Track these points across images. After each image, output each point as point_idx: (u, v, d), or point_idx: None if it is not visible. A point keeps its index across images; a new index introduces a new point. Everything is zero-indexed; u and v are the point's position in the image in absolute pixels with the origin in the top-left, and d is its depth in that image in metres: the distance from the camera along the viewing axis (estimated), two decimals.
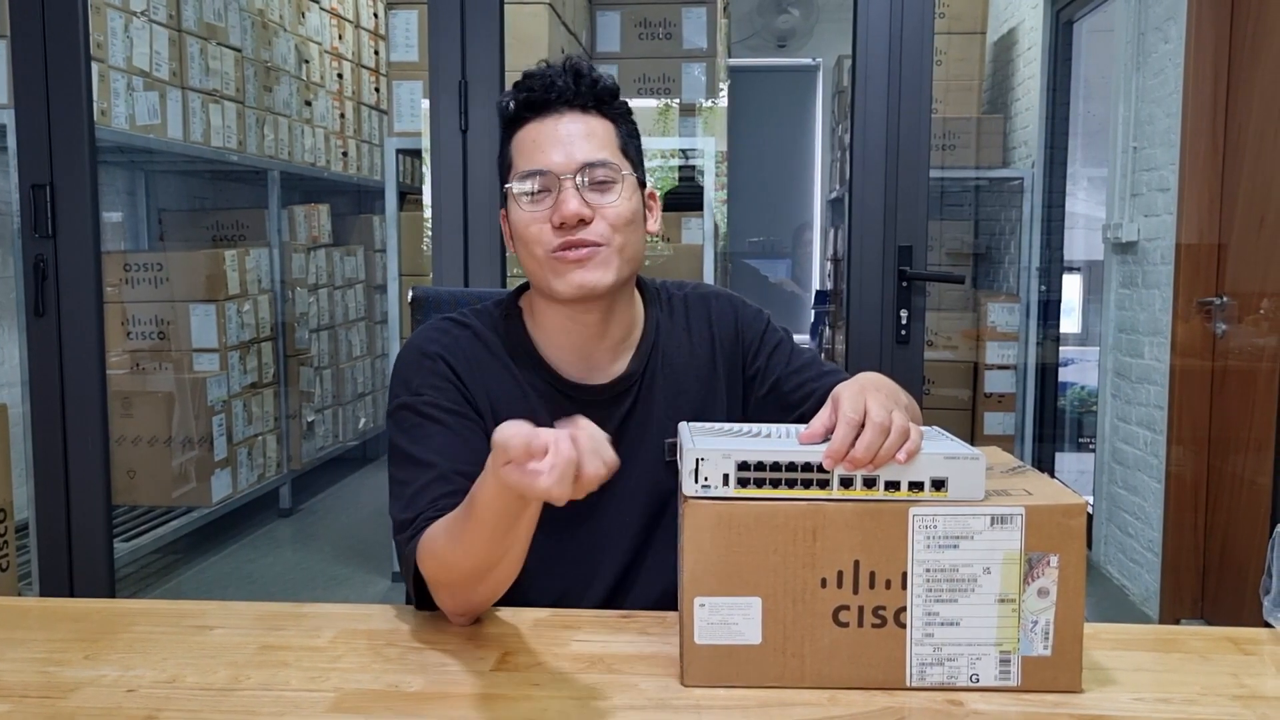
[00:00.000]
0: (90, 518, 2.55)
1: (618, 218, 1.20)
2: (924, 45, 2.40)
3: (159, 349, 3.87)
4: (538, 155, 1.21)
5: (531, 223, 1.21)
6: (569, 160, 1.20)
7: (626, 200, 1.22)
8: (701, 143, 3.58)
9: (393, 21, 3.59)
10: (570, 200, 1.18)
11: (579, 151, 1.20)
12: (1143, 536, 3.33)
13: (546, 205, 1.20)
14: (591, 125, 1.23)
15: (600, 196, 1.20)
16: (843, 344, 2.63)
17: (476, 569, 1.05)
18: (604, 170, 1.20)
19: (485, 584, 1.08)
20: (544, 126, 1.22)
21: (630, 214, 1.22)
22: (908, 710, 0.93)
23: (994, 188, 4.72)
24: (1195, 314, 3.03)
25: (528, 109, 1.23)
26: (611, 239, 1.20)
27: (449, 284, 2.53)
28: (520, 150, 1.23)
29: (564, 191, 1.19)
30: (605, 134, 1.23)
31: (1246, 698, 0.97)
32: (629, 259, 1.23)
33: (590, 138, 1.22)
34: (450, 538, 1.06)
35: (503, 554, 1.04)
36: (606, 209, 1.20)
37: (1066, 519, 0.95)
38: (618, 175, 1.21)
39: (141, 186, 4.31)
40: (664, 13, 3.94)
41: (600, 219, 1.20)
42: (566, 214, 1.18)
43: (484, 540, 1.02)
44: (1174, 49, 3.14)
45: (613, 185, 1.21)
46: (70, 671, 1.01)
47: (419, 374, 1.24)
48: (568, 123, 1.22)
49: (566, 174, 1.19)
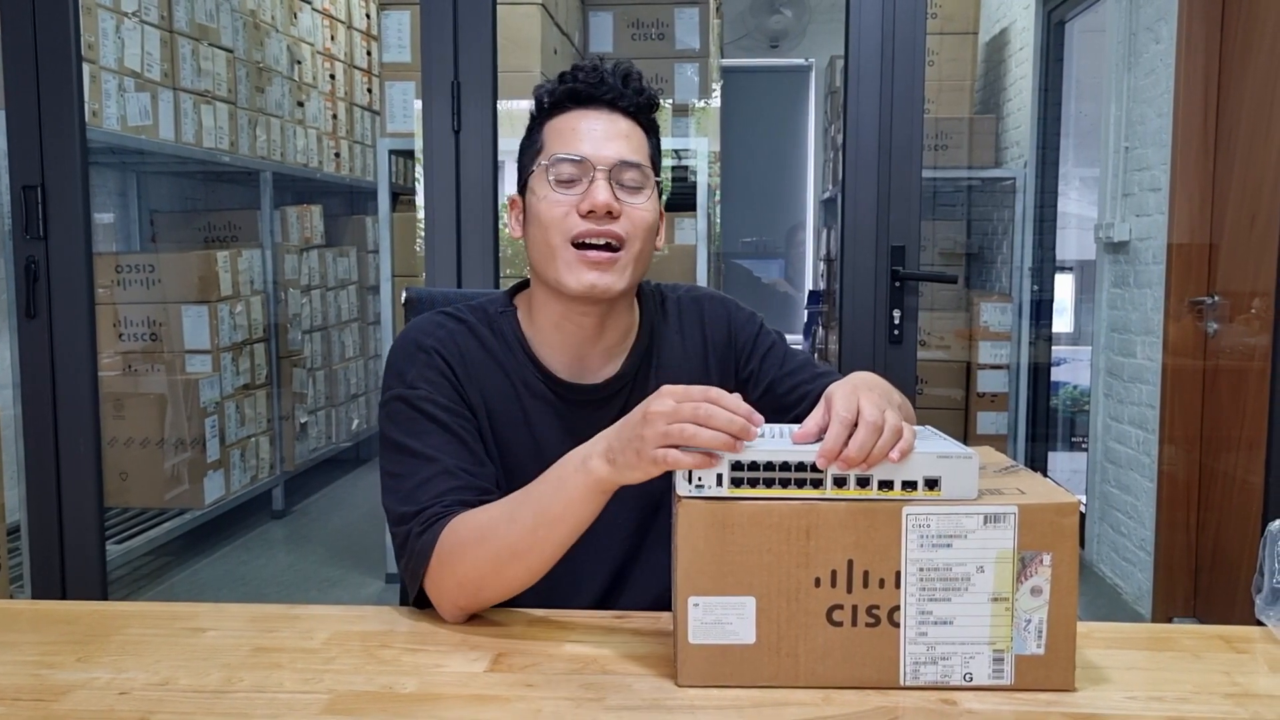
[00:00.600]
0: (82, 520, 2.54)
1: (642, 221, 1.22)
2: (916, 45, 2.41)
3: (151, 350, 3.86)
4: (578, 142, 1.22)
5: (557, 205, 1.21)
6: (608, 154, 1.21)
7: (652, 207, 1.24)
8: (694, 143, 3.58)
9: (385, 22, 3.59)
10: (602, 190, 1.20)
11: (618, 149, 1.22)
12: (1135, 535, 3.34)
13: (576, 192, 1.21)
14: (631, 129, 1.25)
15: (629, 197, 1.22)
16: (836, 344, 2.63)
17: (520, 552, 1.07)
18: (637, 173, 1.23)
19: (511, 580, 1.10)
20: (586, 117, 1.24)
21: (652, 221, 1.24)
22: (902, 709, 0.93)
23: (986, 188, 4.73)
24: (1187, 313, 3.04)
25: (572, 98, 1.25)
26: (632, 242, 1.22)
27: (442, 285, 2.53)
28: (557, 135, 1.24)
29: (597, 181, 1.20)
30: (640, 141, 1.26)
31: (1239, 696, 0.97)
32: (640, 267, 1.25)
33: (628, 139, 1.24)
34: (507, 519, 1.09)
35: (559, 543, 1.07)
36: (634, 210, 1.22)
37: (1059, 518, 0.95)
38: (648, 181, 1.24)
39: (133, 187, 4.30)
40: (656, 13, 3.94)
41: (626, 218, 1.21)
42: (598, 202, 1.19)
43: (549, 520, 1.06)
44: (1165, 49, 3.15)
45: (642, 190, 1.23)
46: (62, 674, 1.01)
47: (414, 366, 1.24)
48: (611, 120, 1.24)
49: (602, 166, 1.21)
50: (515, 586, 1.11)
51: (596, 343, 1.28)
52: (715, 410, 0.96)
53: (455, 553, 1.10)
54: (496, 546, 1.09)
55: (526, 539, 1.08)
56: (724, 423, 0.95)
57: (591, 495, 1.05)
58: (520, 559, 1.08)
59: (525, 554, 1.08)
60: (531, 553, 1.08)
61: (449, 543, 1.11)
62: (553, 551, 1.08)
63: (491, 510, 1.12)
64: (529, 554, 1.08)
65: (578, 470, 1.05)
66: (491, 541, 1.09)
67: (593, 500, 1.05)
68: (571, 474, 1.06)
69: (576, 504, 1.06)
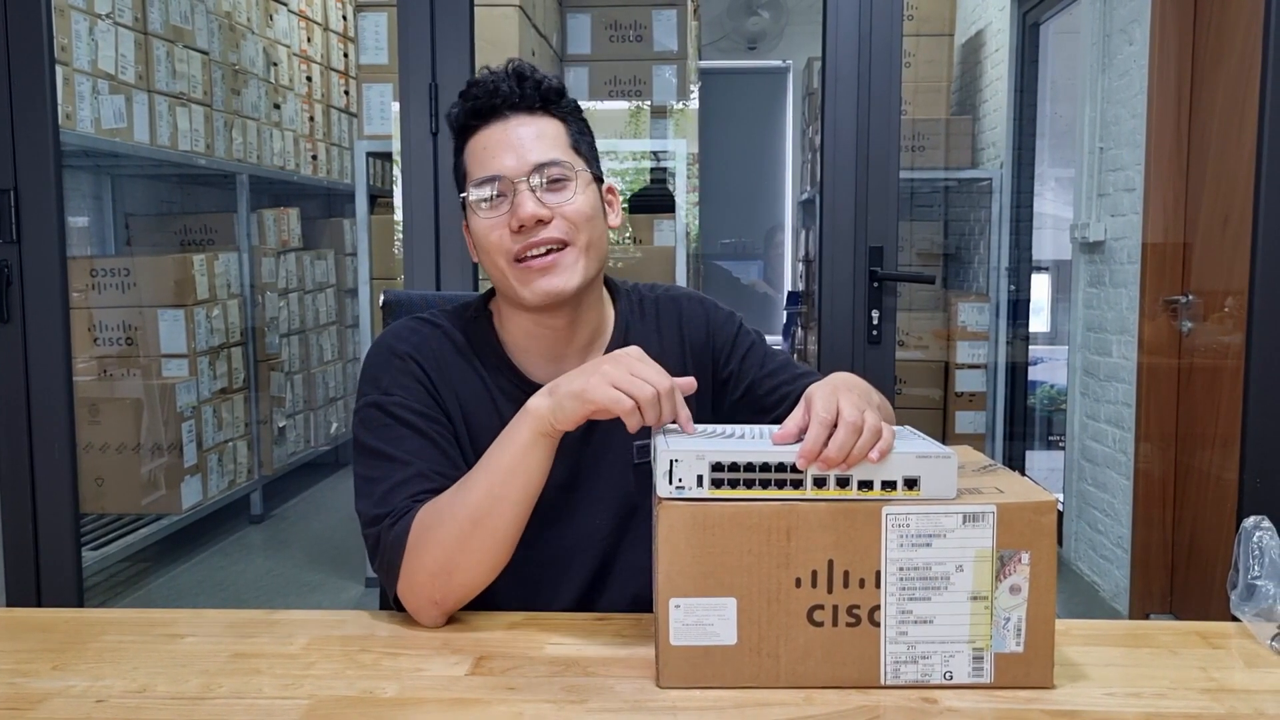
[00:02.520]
0: (57, 526, 2.51)
1: (576, 214, 1.21)
2: (893, 47, 2.42)
3: (127, 355, 3.83)
4: (490, 161, 1.21)
5: (491, 229, 1.21)
6: (521, 163, 1.20)
7: (583, 196, 1.22)
8: (673, 145, 3.59)
9: (362, 24, 3.57)
10: (526, 202, 1.19)
11: (530, 153, 1.21)
12: (1112, 533, 3.36)
13: (504, 210, 1.20)
14: (541, 126, 1.23)
15: (556, 196, 1.21)
16: (815, 344, 2.64)
17: (479, 518, 1.09)
18: (557, 169, 1.21)
19: (478, 554, 1.10)
20: (493, 132, 1.23)
21: (589, 210, 1.23)
22: (883, 709, 0.94)
23: (963, 188, 4.75)
24: (1162, 312, 3.06)
25: (475, 116, 1.24)
26: (575, 236, 1.21)
27: (420, 287, 2.52)
28: (472, 158, 1.24)
29: (519, 194, 1.19)
30: (555, 134, 1.24)
31: (1215, 691, 0.98)
32: (594, 257, 1.24)
33: (540, 139, 1.22)
34: (461, 489, 1.12)
35: (515, 501, 1.10)
36: (564, 207, 1.21)
37: (1037, 516, 0.95)
38: (571, 173, 1.22)
39: (108, 191, 4.26)
40: (634, 15, 3.94)
41: (559, 218, 1.20)
42: (524, 216, 1.18)
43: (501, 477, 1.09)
44: (1139, 51, 3.17)
45: (567, 183, 1.22)
46: (38, 682, 1.00)
47: (388, 373, 1.23)
48: (516, 126, 1.22)
49: (520, 176, 1.20)
50: (484, 562, 1.11)
51: (570, 343, 1.28)
52: (663, 376, 1.05)
53: (422, 538, 1.11)
54: (457, 519, 1.10)
55: (483, 502, 1.09)
56: (665, 388, 1.03)
57: (534, 438, 1.09)
58: (481, 525, 1.09)
59: (485, 519, 1.09)
60: (491, 516, 1.09)
61: (416, 531, 1.12)
62: (511, 514, 1.10)
63: (450, 489, 1.13)
64: (488, 518, 1.09)
65: (519, 419, 1.10)
66: (451, 516, 1.10)
67: (537, 445, 1.09)
68: (514, 423, 1.11)
69: (522, 451, 1.09)
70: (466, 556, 1.10)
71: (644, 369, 1.05)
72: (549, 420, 1.08)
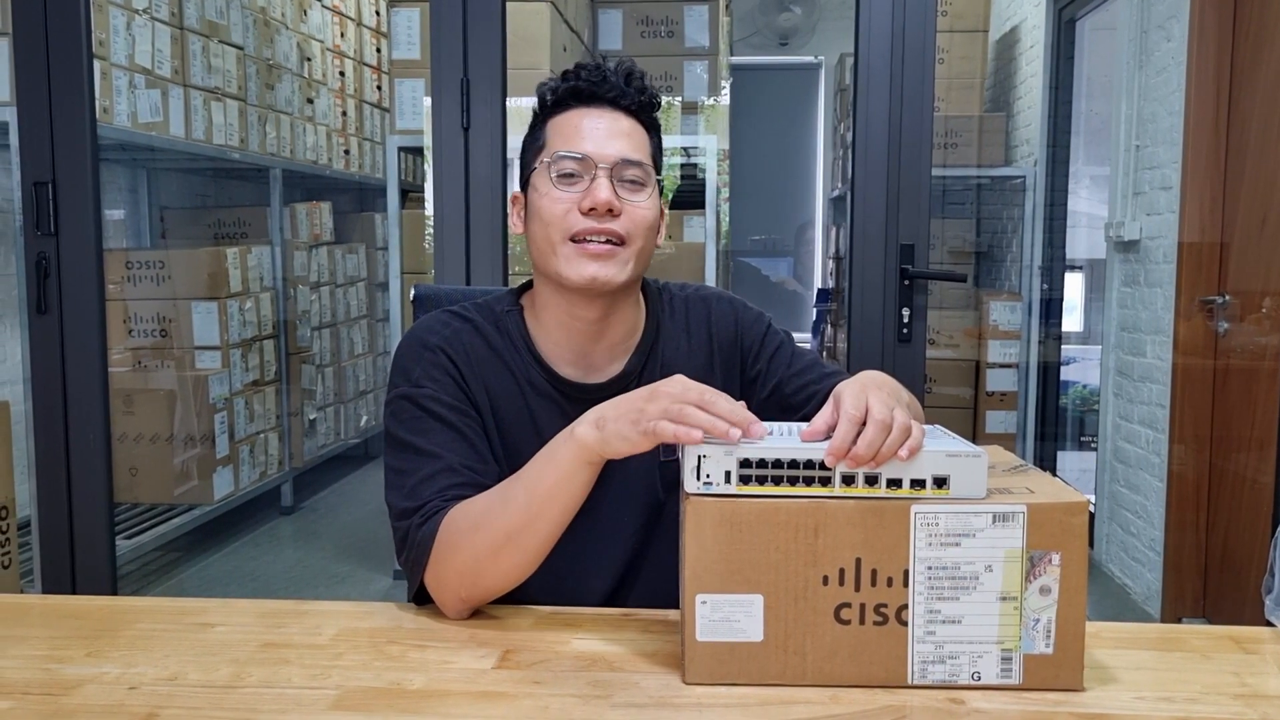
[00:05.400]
0: (92, 515, 2.55)
1: (643, 219, 1.23)
2: (926, 43, 2.40)
3: (161, 347, 3.87)
4: (580, 141, 1.23)
5: (559, 202, 1.22)
6: (611, 151, 1.22)
7: (651, 205, 1.24)
8: (703, 141, 3.58)
9: (394, 19, 3.59)
10: (604, 188, 1.20)
11: (620, 147, 1.23)
12: (1144, 535, 3.33)
13: (578, 189, 1.22)
14: (633, 127, 1.26)
15: (631, 195, 1.22)
16: (844, 342, 2.62)
17: (513, 533, 1.08)
18: (640, 170, 1.23)
19: (507, 564, 1.10)
20: (589, 115, 1.25)
21: (653, 219, 1.25)
22: (909, 708, 0.93)
23: (996, 186, 4.71)
24: (1197, 313, 3.02)
25: (575, 96, 1.26)
26: (634, 238, 1.22)
27: (450, 282, 2.53)
28: (560, 133, 1.25)
29: (599, 179, 1.21)
30: (642, 139, 1.26)
31: (1248, 697, 0.97)
32: (641, 263, 1.25)
33: (631, 138, 1.24)
34: (499, 500, 1.11)
35: (551, 520, 1.08)
36: (634, 208, 1.22)
37: (1068, 517, 0.94)
38: (649, 179, 1.24)
39: (143, 184, 4.31)
40: (666, 11, 3.93)
41: (627, 216, 1.22)
42: (599, 200, 1.19)
43: (541, 497, 1.07)
44: (1176, 47, 3.13)
45: (643, 188, 1.24)
46: (72, 669, 1.01)
47: (420, 365, 1.24)
48: (613, 118, 1.25)
49: (604, 164, 1.21)
50: (512, 573, 1.11)
51: (601, 340, 1.28)
52: (720, 399, 0.98)
53: (453, 542, 1.11)
54: (492, 530, 1.10)
55: (520, 519, 1.08)
56: (725, 411, 0.97)
57: (579, 466, 1.06)
58: (514, 541, 1.09)
59: (519, 535, 1.09)
60: (525, 533, 1.09)
61: (447, 532, 1.12)
62: (546, 532, 1.09)
63: (487, 495, 1.13)
64: (523, 535, 1.09)
65: (565, 441, 1.07)
66: (486, 526, 1.10)
67: (581, 472, 1.07)
68: (559, 446, 1.08)
69: (565, 476, 1.07)
70: (496, 565, 1.11)
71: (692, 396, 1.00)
72: (597, 451, 1.06)
